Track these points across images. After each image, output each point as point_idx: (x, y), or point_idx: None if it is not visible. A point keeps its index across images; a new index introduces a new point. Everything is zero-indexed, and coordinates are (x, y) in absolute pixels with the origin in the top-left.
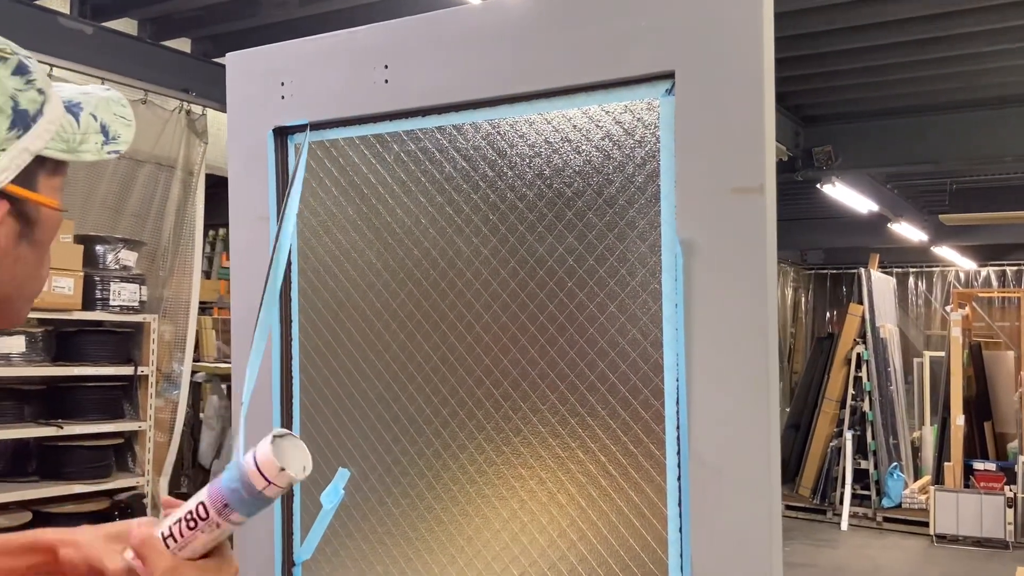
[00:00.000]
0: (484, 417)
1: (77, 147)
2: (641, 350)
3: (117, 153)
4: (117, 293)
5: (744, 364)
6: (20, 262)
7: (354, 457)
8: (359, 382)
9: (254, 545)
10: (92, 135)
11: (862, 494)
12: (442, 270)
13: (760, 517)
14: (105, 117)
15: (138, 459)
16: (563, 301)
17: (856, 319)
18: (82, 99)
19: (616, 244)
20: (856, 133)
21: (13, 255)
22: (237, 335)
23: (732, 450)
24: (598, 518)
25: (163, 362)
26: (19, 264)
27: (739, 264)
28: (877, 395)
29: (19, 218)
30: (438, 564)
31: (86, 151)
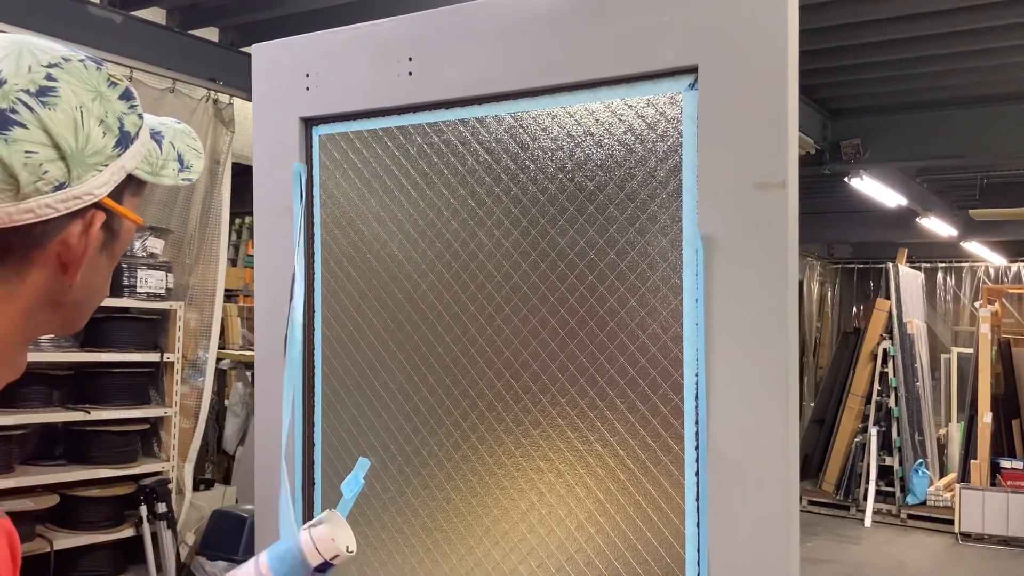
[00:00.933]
0: (503, 410)
1: (159, 171)
2: (661, 345)
3: (190, 181)
4: (144, 280)
5: (764, 360)
6: (97, 272)
7: (374, 447)
8: (380, 373)
9: (274, 534)
10: (171, 162)
11: (886, 491)
12: (463, 263)
13: (778, 513)
14: (180, 147)
15: (163, 445)
16: (583, 295)
17: (883, 314)
18: (162, 129)
19: (637, 238)
20: (885, 126)
21: (94, 264)
22: (261, 326)
23: (751, 446)
24: (616, 512)
25: (189, 349)
26: (96, 274)
27: (760, 260)
28: (903, 391)
29: (106, 230)
30: (456, 554)
31: (165, 176)
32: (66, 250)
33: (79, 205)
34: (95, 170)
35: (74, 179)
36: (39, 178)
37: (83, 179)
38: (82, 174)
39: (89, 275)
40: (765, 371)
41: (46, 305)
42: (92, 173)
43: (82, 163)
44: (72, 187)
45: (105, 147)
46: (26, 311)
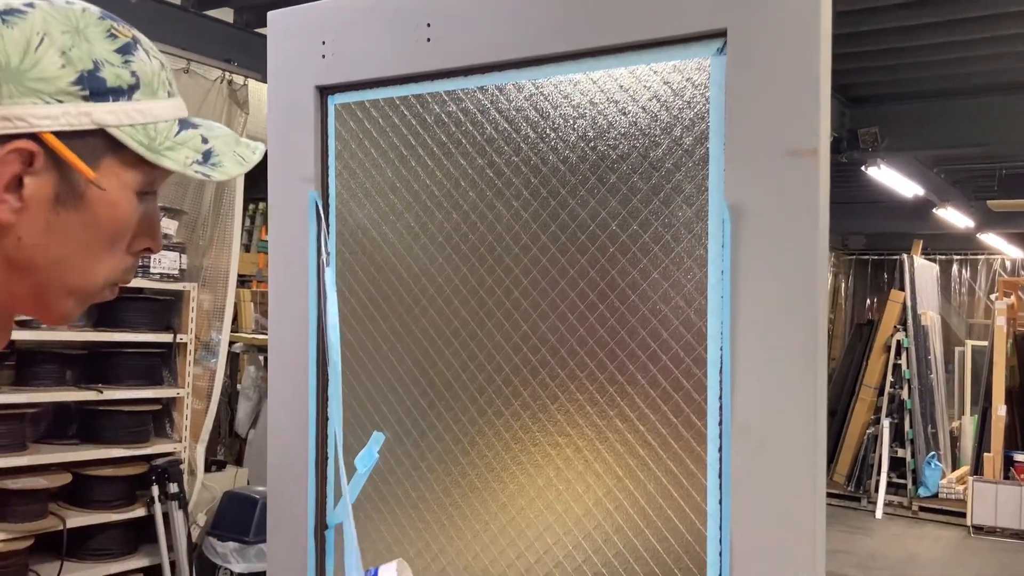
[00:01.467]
0: (520, 384)
1: (160, 149)
2: (684, 318)
3: (206, 176)
4: (158, 261)
5: (792, 333)
6: (56, 233)
7: (389, 421)
8: (395, 346)
9: (287, 508)
10: (186, 150)
11: (898, 483)
12: (481, 234)
13: (804, 490)
14: (218, 146)
15: (176, 425)
16: (604, 267)
17: (897, 306)
18: (206, 125)
19: (661, 208)
20: (904, 114)
21: (46, 218)
22: (275, 301)
23: (777, 421)
24: (635, 488)
25: (201, 331)
26: (54, 234)
27: (789, 230)
28: (916, 383)
29: (59, 178)
30: (471, 531)
31: (168, 158)
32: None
33: (8, 129)
34: (37, 97)
35: (3, 97)
36: None
37: (16, 101)
38: (15, 95)
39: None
40: (793, 345)
41: None
42: (32, 99)
43: (18, 83)
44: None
45: (58, 78)
46: None
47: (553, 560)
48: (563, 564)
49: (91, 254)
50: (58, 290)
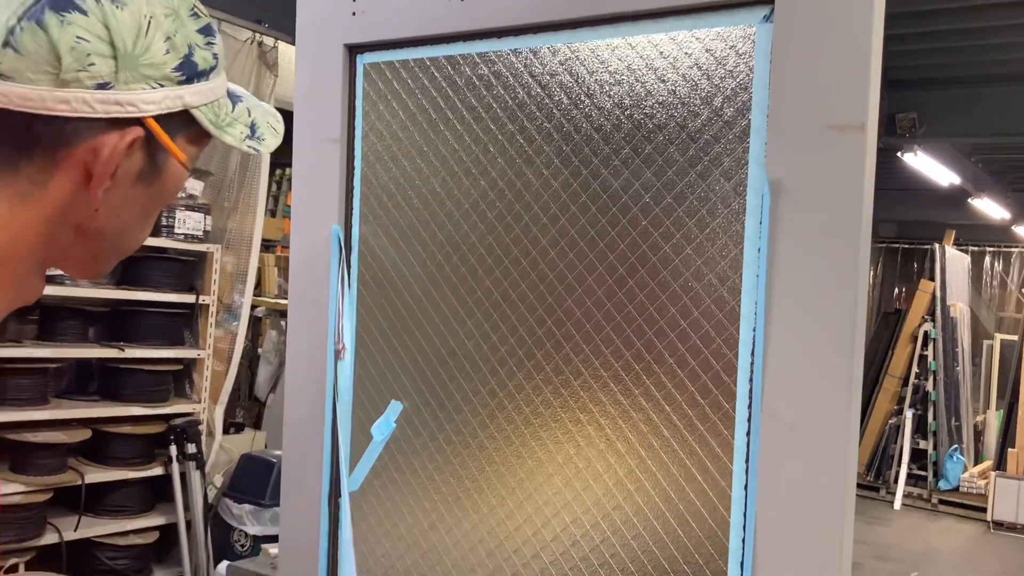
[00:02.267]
0: (543, 358)
1: (223, 126)
2: (717, 296)
3: (256, 151)
4: (182, 221)
5: (829, 316)
6: (128, 204)
7: (407, 390)
8: (416, 315)
9: (302, 475)
10: (240, 125)
11: (918, 474)
12: (508, 202)
13: (834, 479)
14: (258, 118)
15: (195, 386)
16: (635, 240)
17: (926, 296)
18: (243, 95)
19: (698, 182)
20: (944, 100)
21: (126, 194)
22: (296, 263)
23: (809, 406)
24: (657, 470)
25: (224, 293)
26: (127, 206)
27: (832, 208)
28: (942, 375)
29: (147, 157)
30: (487, 504)
31: (229, 134)
32: (94, 159)
33: (119, 113)
34: (146, 83)
35: (120, 82)
36: (83, 67)
37: (130, 87)
38: (130, 81)
39: (119, 205)
40: (830, 328)
41: (68, 224)
42: (142, 85)
43: (134, 69)
44: (116, 90)
45: (164, 64)
46: (46, 220)
47: (570, 539)
48: (580, 543)
49: (147, 221)
50: (114, 254)
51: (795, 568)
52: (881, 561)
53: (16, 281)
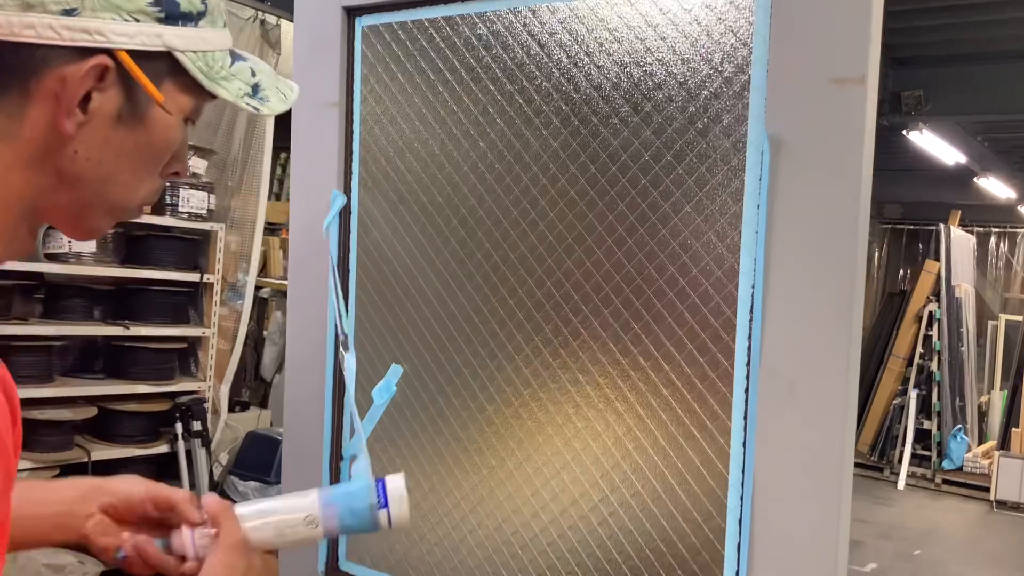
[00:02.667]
0: (543, 319)
1: (217, 78)
2: (716, 254)
3: (256, 110)
4: (186, 200)
5: (829, 272)
6: (110, 148)
7: (408, 354)
8: (416, 278)
9: (303, 438)
10: (239, 81)
11: (922, 455)
12: (507, 163)
13: (833, 435)
14: (265, 81)
15: (201, 365)
16: (634, 200)
17: (931, 276)
18: (252, 60)
19: (697, 139)
20: (950, 78)
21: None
22: (296, 225)
23: (808, 363)
24: (656, 428)
25: (228, 271)
26: (108, 149)
27: (832, 163)
28: (947, 355)
29: (124, 96)
30: (487, 466)
31: (223, 88)
32: (63, 88)
33: (86, 42)
34: (117, 14)
35: (87, 9)
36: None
37: (98, 15)
38: (98, 9)
39: (99, 148)
40: (829, 284)
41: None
42: (112, 15)
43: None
44: (83, 17)
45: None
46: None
47: (569, 498)
48: (579, 502)
49: (135, 174)
50: (98, 206)
51: (793, 525)
52: (884, 540)
53: (8, 230)
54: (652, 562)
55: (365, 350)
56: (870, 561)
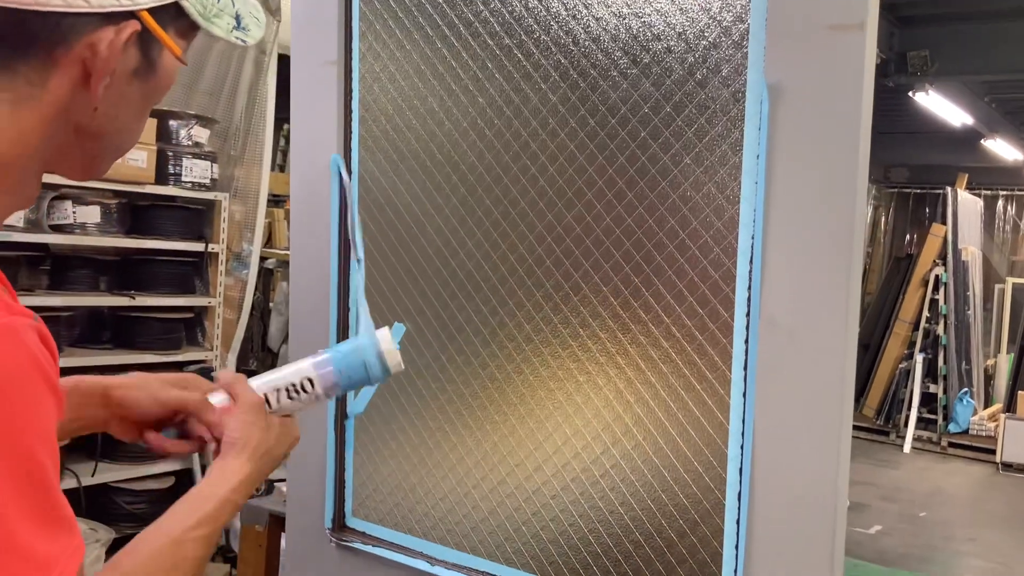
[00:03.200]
0: (543, 274)
1: (211, 16)
2: (716, 205)
3: (243, 42)
4: (189, 169)
5: (828, 221)
6: (126, 101)
7: (410, 312)
8: (417, 236)
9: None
10: (227, 16)
11: (928, 418)
12: (507, 119)
13: (832, 383)
14: (240, 8)
15: (207, 334)
16: (634, 153)
17: (937, 240)
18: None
19: (696, 90)
20: (957, 37)
21: (122, 92)
22: (297, 186)
23: (807, 313)
24: (657, 380)
25: (233, 241)
26: (124, 103)
27: (831, 111)
28: (953, 319)
29: (141, 53)
30: (489, 421)
31: (217, 25)
32: (92, 56)
33: (114, 7)
34: None
35: None
36: None
37: None
38: None
39: (117, 103)
40: (828, 233)
41: (67, 124)
42: None
43: None
44: None
45: None
46: (47, 122)
47: (571, 451)
48: (581, 455)
49: (141, 119)
50: (110, 153)
51: (793, 473)
52: (889, 502)
53: (18, 185)
54: (654, 512)
55: (368, 308)
56: (875, 523)
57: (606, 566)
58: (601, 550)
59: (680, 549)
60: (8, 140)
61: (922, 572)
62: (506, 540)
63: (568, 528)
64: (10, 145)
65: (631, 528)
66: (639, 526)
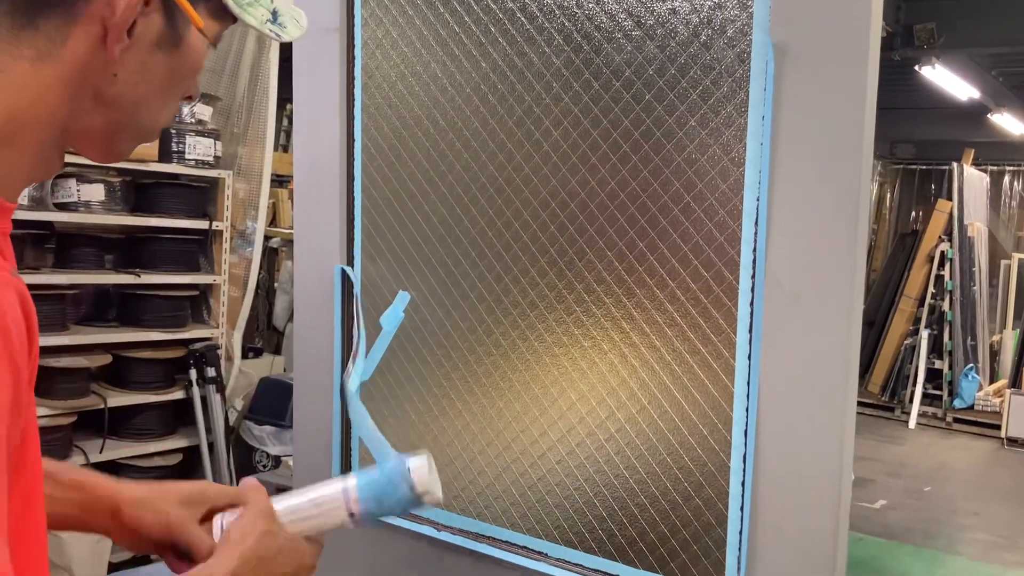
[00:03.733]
0: (548, 239)
1: (243, 3)
2: (721, 167)
3: (277, 37)
4: (192, 147)
5: (834, 181)
6: (147, 72)
7: (414, 280)
8: (421, 204)
9: (315, 365)
10: (262, 8)
11: (933, 394)
12: (510, 84)
13: (839, 343)
14: (281, 7)
15: (213, 312)
16: (639, 116)
17: (943, 216)
18: None
19: (701, 52)
20: (964, 9)
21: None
22: (300, 157)
23: (813, 275)
24: (661, 343)
25: (237, 219)
26: (145, 73)
27: (836, 71)
28: (959, 295)
29: (166, 22)
30: (494, 387)
31: (251, 15)
32: (111, 13)
33: None
34: None
35: None
36: None
37: None
38: None
39: (137, 72)
40: (834, 194)
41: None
42: None
43: None
44: None
45: None
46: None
47: (576, 416)
48: (586, 420)
49: (164, 97)
50: (129, 129)
51: (798, 435)
52: (894, 478)
53: (37, 149)
54: (659, 475)
55: (372, 277)
56: (880, 498)
57: (611, 529)
58: (606, 513)
59: (685, 511)
60: (28, 98)
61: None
62: (511, 505)
63: (573, 492)
64: (30, 104)
65: (636, 491)
66: (644, 489)
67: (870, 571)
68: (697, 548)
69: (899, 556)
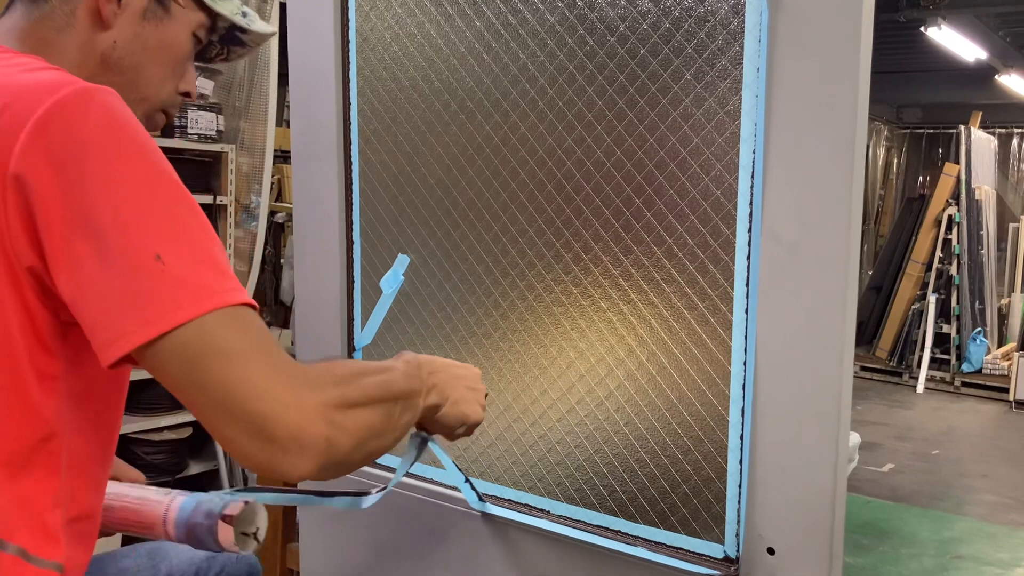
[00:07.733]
0: (545, 200)
1: None
2: (717, 121)
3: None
4: (195, 121)
5: (829, 130)
6: (139, 42)
7: (413, 243)
8: (419, 167)
9: (316, 330)
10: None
11: (941, 358)
12: (505, 42)
13: (836, 294)
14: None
15: None
16: (634, 71)
17: (951, 179)
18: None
19: (695, 5)
20: None
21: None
22: (298, 116)
23: (809, 225)
24: (659, 300)
25: (241, 193)
26: (138, 43)
27: (831, 22)
28: (966, 259)
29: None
30: (494, 348)
31: (222, 6)
32: None
33: None
34: None
35: None
36: None
37: None
38: None
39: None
40: (830, 142)
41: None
42: None
43: None
44: None
45: None
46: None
47: (576, 374)
48: (585, 377)
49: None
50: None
51: (796, 386)
52: (902, 441)
53: None
54: (658, 430)
55: (371, 240)
56: (887, 462)
57: (612, 485)
58: (607, 470)
59: (685, 466)
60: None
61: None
62: (512, 464)
63: (574, 449)
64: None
65: (636, 447)
66: (644, 445)
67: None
68: (697, 502)
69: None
